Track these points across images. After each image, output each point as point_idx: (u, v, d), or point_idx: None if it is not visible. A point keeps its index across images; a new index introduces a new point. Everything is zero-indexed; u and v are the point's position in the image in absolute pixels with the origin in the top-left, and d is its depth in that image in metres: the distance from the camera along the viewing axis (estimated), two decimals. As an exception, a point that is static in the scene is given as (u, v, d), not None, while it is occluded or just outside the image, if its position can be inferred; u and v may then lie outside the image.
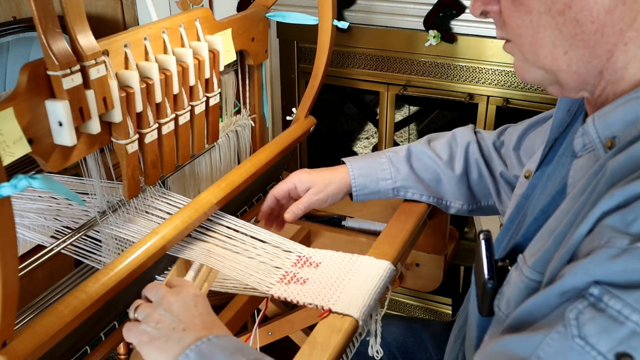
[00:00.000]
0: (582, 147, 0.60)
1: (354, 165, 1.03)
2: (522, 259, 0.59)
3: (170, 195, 0.93)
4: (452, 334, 0.85)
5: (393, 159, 1.04)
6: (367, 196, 1.04)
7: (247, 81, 1.13)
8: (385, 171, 1.03)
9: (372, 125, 2.31)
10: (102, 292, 0.72)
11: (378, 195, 1.04)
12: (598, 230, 0.48)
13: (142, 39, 0.81)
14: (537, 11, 0.58)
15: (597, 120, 0.58)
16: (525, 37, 0.60)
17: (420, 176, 1.04)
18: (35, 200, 0.90)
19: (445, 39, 1.59)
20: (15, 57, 1.78)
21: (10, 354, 0.62)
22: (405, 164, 1.04)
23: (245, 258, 0.86)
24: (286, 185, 1.02)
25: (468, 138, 1.05)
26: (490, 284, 0.62)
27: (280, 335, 1.20)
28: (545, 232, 0.58)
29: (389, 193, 1.04)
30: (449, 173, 1.03)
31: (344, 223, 1.27)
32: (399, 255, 0.91)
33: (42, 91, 0.67)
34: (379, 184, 1.03)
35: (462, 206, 1.05)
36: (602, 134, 0.57)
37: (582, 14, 0.55)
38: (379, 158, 1.05)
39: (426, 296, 1.93)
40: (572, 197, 0.56)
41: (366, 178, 1.03)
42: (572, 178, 0.60)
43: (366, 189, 1.03)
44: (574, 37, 0.57)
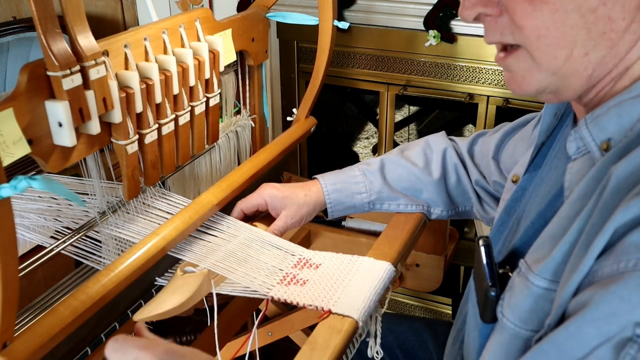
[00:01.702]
0: (576, 150, 0.59)
1: (327, 181, 1.01)
2: (524, 264, 0.58)
3: (170, 196, 0.93)
4: (450, 337, 0.84)
5: (366, 172, 1.02)
6: (343, 212, 1.02)
7: (247, 81, 1.13)
8: (360, 184, 1.01)
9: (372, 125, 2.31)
10: (103, 293, 0.72)
11: (354, 210, 1.02)
12: (621, 248, 0.47)
13: (142, 39, 0.81)
14: (565, 9, 0.55)
15: (590, 123, 0.58)
16: (546, 38, 0.57)
17: (395, 187, 1.02)
18: (35, 201, 0.90)
19: (445, 39, 1.59)
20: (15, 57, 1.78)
21: (10, 355, 0.62)
22: (378, 175, 1.01)
23: (246, 259, 0.86)
24: (256, 200, 0.98)
25: (444, 144, 1.03)
26: (493, 291, 0.61)
27: (280, 336, 1.20)
28: (547, 237, 0.57)
29: (365, 207, 1.02)
30: (427, 178, 1.01)
31: (344, 223, 1.27)
32: (399, 255, 0.91)
33: (42, 92, 0.67)
34: (354, 198, 1.01)
35: (441, 212, 1.04)
36: (596, 137, 0.57)
37: (614, 10, 0.53)
38: (351, 172, 1.02)
39: (426, 296, 1.93)
40: (572, 202, 0.55)
41: (340, 193, 1.00)
42: (569, 182, 0.59)
43: (341, 204, 1.01)
44: (601, 36, 0.55)
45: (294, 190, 0.99)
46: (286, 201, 0.97)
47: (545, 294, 0.55)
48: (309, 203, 0.99)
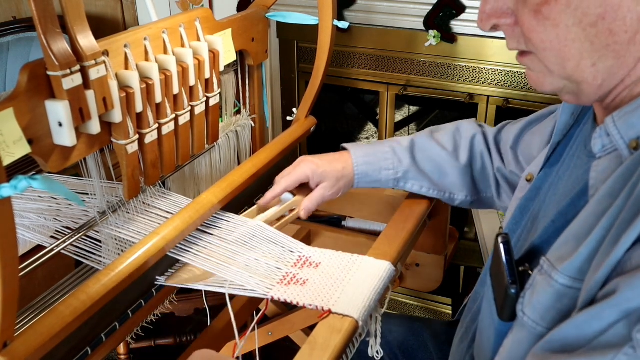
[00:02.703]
0: (601, 148, 0.59)
1: (357, 153, 1.03)
2: (547, 262, 0.58)
3: (171, 196, 0.93)
4: (457, 335, 0.84)
5: (396, 150, 1.04)
6: (368, 184, 1.04)
7: (247, 81, 1.13)
8: (388, 161, 1.03)
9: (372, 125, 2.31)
10: (103, 292, 0.72)
11: (379, 184, 1.04)
12: None
13: (142, 39, 0.81)
14: (565, 25, 0.56)
15: (617, 120, 0.57)
16: (551, 51, 0.59)
17: (423, 168, 1.03)
18: (36, 201, 0.90)
19: (445, 39, 1.59)
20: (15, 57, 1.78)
21: (11, 355, 0.62)
22: (407, 155, 1.03)
23: (246, 259, 0.86)
24: (297, 176, 1.00)
25: (473, 130, 1.05)
26: (514, 288, 0.61)
27: (280, 335, 1.20)
28: (571, 236, 0.57)
29: (390, 183, 1.04)
30: (454, 163, 1.03)
31: (344, 223, 1.27)
32: (399, 255, 0.91)
33: (42, 91, 0.67)
34: (381, 174, 1.03)
35: (465, 197, 1.05)
36: (625, 134, 0.56)
37: (616, 24, 0.55)
38: (381, 147, 1.04)
39: (426, 296, 1.93)
40: (599, 200, 0.55)
41: (369, 167, 1.03)
42: (594, 180, 0.59)
43: (367, 177, 1.03)
44: (605, 47, 0.56)
45: (332, 164, 1.02)
46: (325, 175, 1.01)
47: (568, 292, 0.55)
48: (346, 176, 1.02)
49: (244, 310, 1.04)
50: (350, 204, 1.22)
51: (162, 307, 0.91)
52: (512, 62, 1.56)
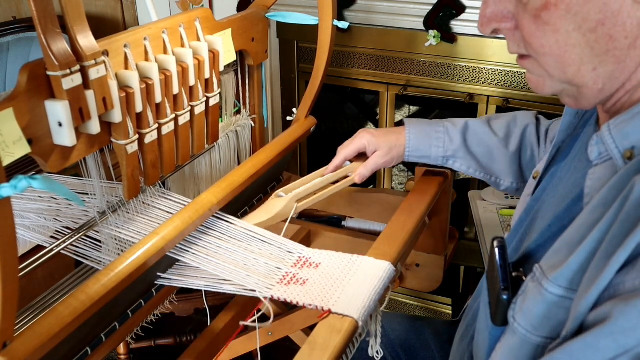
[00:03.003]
0: (597, 155, 0.59)
1: (412, 129, 1.08)
2: (539, 269, 0.57)
3: (170, 196, 0.93)
4: (458, 333, 0.85)
5: (449, 129, 1.07)
6: (418, 158, 1.09)
7: (247, 81, 1.13)
8: (440, 139, 1.07)
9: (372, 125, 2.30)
10: (103, 292, 0.72)
11: (428, 160, 1.09)
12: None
13: (142, 39, 0.81)
14: (565, 30, 0.56)
15: (613, 129, 0.57)
16: (551, 56, 0.59)
17: (472, 150, 1.06)
18: (35, 201, 0.90)
19: (445, 39, 1.59)
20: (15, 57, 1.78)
21: (10, 355, 0.62)
22: (459, 135, 1.06)
23: (246, 259, 0.86)
24: (356, 146, 1.09)
25: (527, 120, 1.06)
26: (505, 294, 0.60)
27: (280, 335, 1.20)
28: (564, 244, 0.56)
29: (439, 160, 1.09)
30: (503, 150, 1.05)
31: (344, 223, 1.27)
32: (399, 255, 0.91)
33: (41, 91, 0.67)
34: (431, 150, 1.07)
35: (511, 184, 1.07)
36: (620, 144, 0.56)
37: (615, 30, 0.55)
38: (436, 126, 1.09)
39: (426, 296, 1.93)
40: (592, 209, 0.55)
41: (420, 142, 1.07)
42: (589, 188, 0.59)
43: (418, 151, 1.08)
44: (606, 53, 0.56)
45: (387, 135, 1.09)
46: (379, 144, 1.08)
47: (559, 302, 0.54)
48: (398, 145, 1.08)
49: (244, 311, 1.04)
50: (350, 204, 1.22)
51: (162, 307, 0.91)
52: (512, 62, 1.56)
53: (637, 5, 0.53)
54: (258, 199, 1.13)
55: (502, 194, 1.46)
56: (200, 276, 0.84)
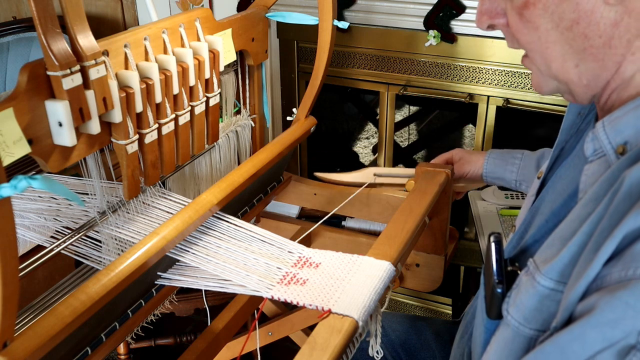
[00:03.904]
0: (592, 152, 0.60)
1: (492, 154, 1.19)
2: (532, 263, 0.58)
3: (171, 196, 0.93)
4: (459, 330, 0.85)
5: (526, 156, 1.15)
6: (494, 180, 1.19)
7: (247, 81, 1.13)
8: (515, 165, 1.15)
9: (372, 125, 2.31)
10: (103, 292, 0.72)
11: (504, 182, 1.18)
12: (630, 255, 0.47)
13: (142, 39, 0.81)
14: (545, 28, 0.59)
15: (607, 125, 0.58)
16: (536, 52, 0.62)
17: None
18: (35, 201, 0.90)
19: (445, 39, 1.59)
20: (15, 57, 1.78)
21: (10, 355, 0.62)
22: (534, 162, 1.12)
23: (246, 259, 0.86)
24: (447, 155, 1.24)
25: None
26: (500, 288, 0.61)
27: (280, 336, 1.20)
28: (557, 238, 0.57)
29: (512, 183, 1.17)
30: None
31: (344, 223, 1.27)
32: (399, 255, 0.91)
33: (42, 91, 0.67)
34: (506, 172, 1.16)
35: None
36: (613, 140, 0.57)
37: (589, 29, 0.57)
38: (516, 152, 1.17)
39: (426, 296, 1.93)
40: (584, 204, 0.55)
41: (497, 163, 1.17)
42: (584, 184, 0.59)
43: (494, 173, 1.18)
44: (583, 51, 0.58)
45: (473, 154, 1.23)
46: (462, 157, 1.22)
47: (551, 294, 0.55)
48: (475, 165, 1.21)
49: (244, 310, 1.04)
50: (350, 204, 1.22)
51: (162, 307, 0.91)
52: (512, 62, 1.56)
53: (609, 7, 0.55)
54: (258, 199, 1.13)
55: (502, 194, 1.46)
56: (200, 276, 0.84)
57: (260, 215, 1.24)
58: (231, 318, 0.98)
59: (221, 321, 0.98)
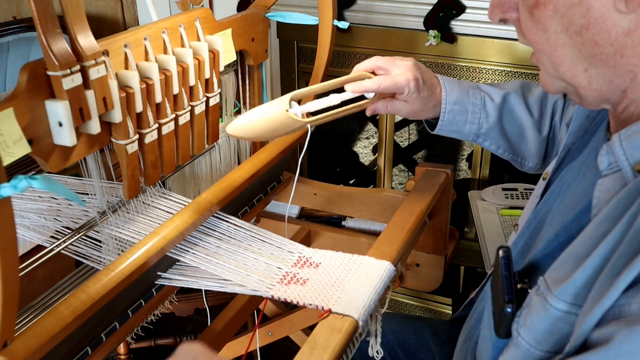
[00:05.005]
0: (607, 165, 0.58)
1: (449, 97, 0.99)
2: (543, 282, 0.56)
3: (171, 196, 0.93)
4: (461, 335, 0.84)
5: (487, 103, 1.00)
6: (448, 132, 1.02)
7: (247, 81, 1.13)
8: (476, 114, 1.00)
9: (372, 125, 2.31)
10: (103, 292, 0.72)
11: (459, 135, 1.02)
12: None
13: (142, 39, 0.81)
14: (554, 30, 0.57)
15: (624, 140, 0.56)
16: (543, 53, 0.60)
17: (505, 128, 1.01)
18: (35, 201, 0.90)
19: (445, 39, 1.59)
20: (15, 57, 1.78)
21: (10, 355, 0.62)
22: (496, 111, 1.00)
23: (246, 259, 0.86)
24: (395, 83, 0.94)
25: (556, 97, 1.02)
26: (510, 307, 0.59)
27: (280, 335, 1.20)
28: (570, 257, 0.55)
29: (470, 137, 1.02)
30: (535, 132, 1.01)
31: (344, 223, 1.27)
32: (399, 255, 0.91)
33: (42, 91, 0.67)
34: (465, 126, 1.00)
35: (535, 165, 1.05)
36: (630, 156, 0.55)
37: (600, 36, 0.55)
38: (474, 97, 1.00)
39: (426, 296, 1.93)
40: (599, 222, 0.54)
41: (456, 115, 0.99)
42: (597, 199, 0.57)
43: (451, 125, 1.00)
44: (593, 56, 0.56)
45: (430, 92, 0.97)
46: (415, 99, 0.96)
47: (563, 317, 0.53)
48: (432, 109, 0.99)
49: (244, 311, 1.04)
50: (350, 204, 1.22)
51: (162, 307, 0.91)
52: (512, 62, 1.56)
53: (622, 15, 0.53)
54: (258, 199, 1.13)
55: (502, 194, 1.46)
56: (200, 276, 0.84)
57: (260, 215, 1.24)
58: (231, 318, 0.98)
59: (221, 321, 0.99)
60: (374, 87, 0.93)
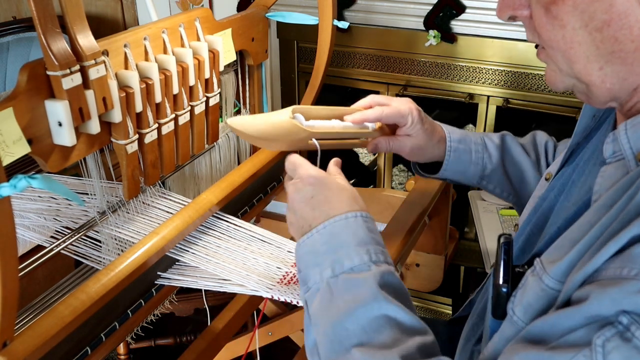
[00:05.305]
0: (611, 153, 0.58)
1: (453, 137, 0.95)
2: (539, 263, 0.57)
3: (170, 196, 0.93)
4: (463, 333, 0.84)
5: (487, 143, 0.98)
6: (453, 174, 0.97)
7: (247, 81, 1.13)
8: (479, 153, 0.97)
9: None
10: (103, 292, 0.72)
11: (463, 177, 0.98)
12: (629, 255, 0.47)
13: (142, 39, 0.81)
14: (572, 27, 0.57)
15: (630, 129, 0.57)
16: (558, 50, 0.59)
17: (508, 170, 0.99)
18: (35, 201, 0.90)
19: (445, 39, 1.59)
20: (15, 57, 1.78)
21: (10, 355, 0.62)
22: (498, 152, 0.98)
23: (245, 258, 0.86)
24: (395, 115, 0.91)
25: (546, 138, 1.01)
26: (505, 287, 0.61)
27: (280, 335, 1.20)
28: (566, 241, 0.56)
29: (475, 180, 0.99)
30: (535, 175, 0.99)
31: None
32: (399, 255, 0.91)
33: (41, 91, 0.67)
34: (470, 167, 0.97)
35: None
36: (634, 144, 0.56)
37: (621, 32, 0.54)
38: (475, 137, 0.98)
39: (426, 296, 1.93)
40: (597, 208, 0.55)
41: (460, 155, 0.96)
42: (599, 185, 0.58)
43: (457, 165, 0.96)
44: (611, 54, 0.56)
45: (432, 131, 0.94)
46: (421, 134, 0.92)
47: (556, 295, 0.54)
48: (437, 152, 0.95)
49: (244, 310, 1.04)
50: (350, 204, 1.22)
51: (162, 307, 0.91)
52: (512, 62, 1.56)
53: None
54: (258, 199, 1.13)
55: (502, 194, 1.45)
56: (200, 276, 0.84)
57: (260, 215, 1.24)
58: (231, 318, 0.98)
59: (221, 321, 0.99)
60: (375, 114, 0.91)
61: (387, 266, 0.64)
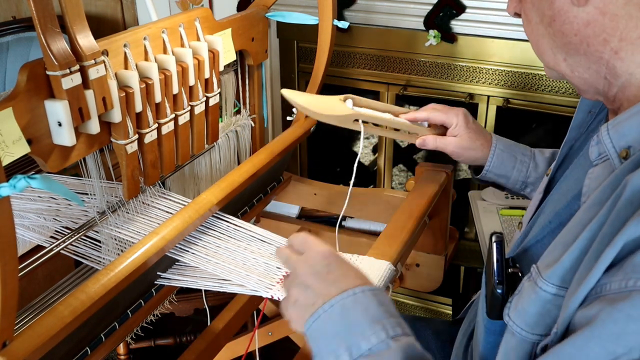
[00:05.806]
0: (597, 155, 0.59)
1: (499, 144, 1.01)
2: (535, 269, 0.57)
3: (170, 196, 0.93)
4: (461, 329, 0.85)
5: (537, 155, 1.01)
6: (497, 177, 1.01)
7: (247, 81, 1.13)
8: (525, 163, 1.00)
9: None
10: (103, 292, 0.72)
11: (506, 181, 1.01)
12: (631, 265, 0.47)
13: (142, 39, 0.81)
14: (535, 22, 0.62)
15: (611, 129, 0.58)
16: (532, 44, 0.65)
17: None
18: (35, 201, 0.90)
19: (445, 38, 1.59)
20: (14, 57, 1.78)
21: (10, 355, 0.62)
22: (545, 164, 1.00)
23: (245, 258, 0.86)
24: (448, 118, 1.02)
25: None
26: (500, 288, 0.62)
27: (280, 335, 1.20)
28: (560, 243, 0.56)
29: (517, 185, 1.01)
30: None
31: (344, 223, 1.27)
32: (399, 255, 0.91)
33: (41, 91, 0.67)
34: (514, 171, 1.00)
35: None
36: (616, 144, 0.56)
37: (564, 27, 0.59)
38: (523, 149, 1.02)
39: (426, 296, 1.93)
40: (587, 208, 0.55)
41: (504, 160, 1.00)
42: (587, 187, 0.59)
43: (499, 169, 1.01)
44: (565, 45, 0.60)
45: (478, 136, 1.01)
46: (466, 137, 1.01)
47: (552, 299, 0.54)
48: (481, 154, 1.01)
49: (244, 311, 1.04)
50: (350, 204, 1.22)
51: (161, 307, 0.91)
52: (512, 62, 1.55)
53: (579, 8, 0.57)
54: (258, 199, 1.13)
55: (502, 194, 1.45)
56: (200, 276, 0.84)
57: (260, 215, 1.24)
58: (231, 318, 0.98)
59: (221, 321, 0.99)
60: (425, 113, 1.03)
61: (407, 338, 0.59)
